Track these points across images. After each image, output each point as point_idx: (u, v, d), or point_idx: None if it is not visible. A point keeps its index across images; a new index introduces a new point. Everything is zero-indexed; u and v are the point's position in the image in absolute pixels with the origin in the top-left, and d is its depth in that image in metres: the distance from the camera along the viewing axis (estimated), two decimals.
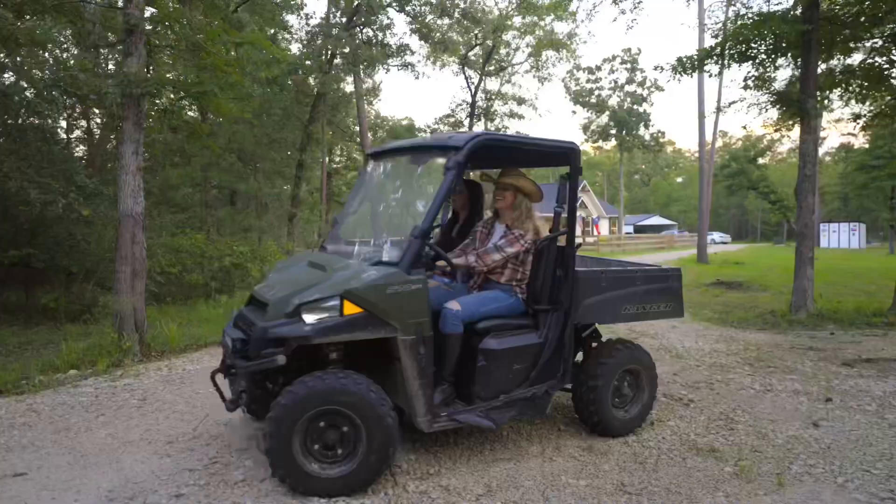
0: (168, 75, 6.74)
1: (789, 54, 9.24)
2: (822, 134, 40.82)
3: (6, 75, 11.19)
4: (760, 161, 35.24)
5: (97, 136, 15.26)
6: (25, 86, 10.51)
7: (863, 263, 22.17)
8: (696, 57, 10.67)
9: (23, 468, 3.21)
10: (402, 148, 3.75)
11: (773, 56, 9.68)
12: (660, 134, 43.75)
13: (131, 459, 3.30)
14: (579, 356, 3.91)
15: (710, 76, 10.66)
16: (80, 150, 14.99)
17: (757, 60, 9.99)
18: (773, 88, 9.79)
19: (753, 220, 71.31)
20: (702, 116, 22.67)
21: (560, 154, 3.53)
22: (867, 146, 34.61)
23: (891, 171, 26.74)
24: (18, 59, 10.77)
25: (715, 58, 10.26)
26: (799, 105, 8.47)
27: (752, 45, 9.68)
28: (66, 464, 3.27)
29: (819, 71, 8.84)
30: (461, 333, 3.22)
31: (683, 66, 11.00)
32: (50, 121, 12.05)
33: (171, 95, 7.47)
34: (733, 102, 10.19)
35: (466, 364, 3.29)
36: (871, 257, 27.57)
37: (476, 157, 4.26)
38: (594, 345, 3.94)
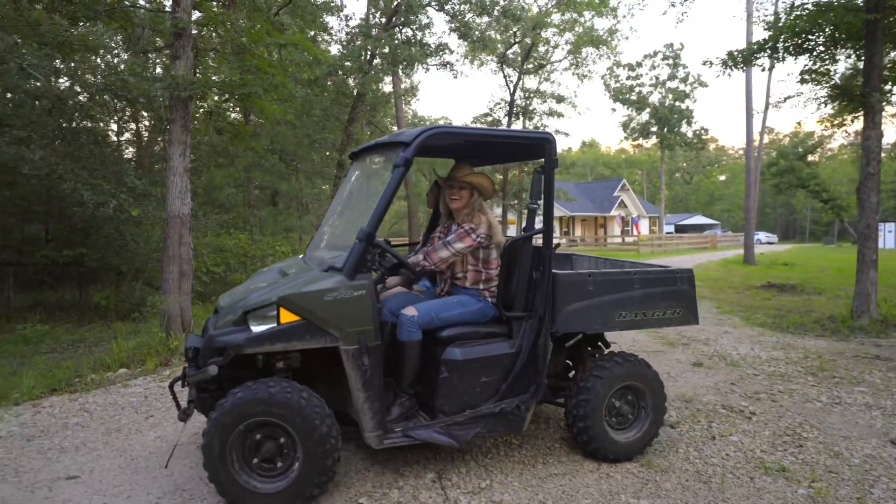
0: (213, 78, 6.81)
1: (850, 45, 8.75)
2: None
3: (61, 80, 11.61)
4: (810, 158, 33.84)
5: (146, 139, 15.71)
6: (79, 90, 10.87)
7: None
8: (747, 51, 10.24)
9: (76, 470, 3.24)
10: (370, 147, 3.45)
11: (831, 48, 9.20)
12: (703, 131, 42.57)
13: (180, 465, 3.29)
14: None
15: (763, 70, 10.19)
16: (129, 153, 15.47)
17: (814, 53, 9.52)
18: (832, 82, 9.29)
19: (801, 220, 68.77)
20: (749, 112, 21.88)
21: (533, 146, 3.22)
22: None
23: None
24: (73, 64, 11.16)
25: (768, 51, 9.82)
26: (862, 99, 8.00)
27: (810, 36, 9.22)
28: (117, 467, 3.28)
29: (885, 62, 8.34)
30: (419, 341, 3.01)
31: (734, 61, 10.58)
32: (101, 124, 12.47)
33: (217, 97, 7.56)
34: (789, 97, 9.71)
35: (429, 375, 3.07)
36: None
37: (434, 152, 4.07)
38: (596, 356, 3.57)
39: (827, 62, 9.45)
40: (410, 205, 21.87)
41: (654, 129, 41.59)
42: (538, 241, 3.21)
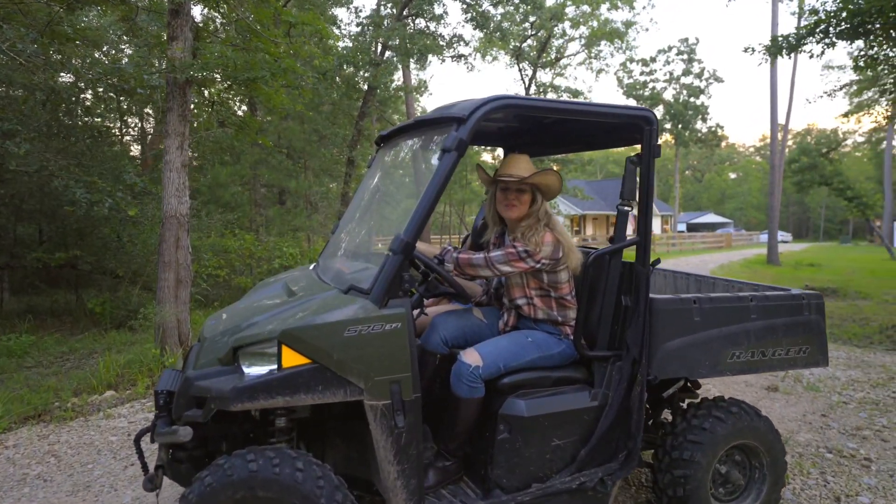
0: (215, 58, 6.11)
1: None
2: (895, 126, 37.89)
3: (62, 76, 10.95)
4: (832, 155, 32.93)
5: (150, 136, 15.07)
6: (82, 86, 10.21)
7: None
8: (795, 36, 9.44)
9: None
10: (406, 128, 2.63)
11: (892, 30, 8.39)
12: (718, 127, 41.64)
13: None
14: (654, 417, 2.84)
15: (811, 57, 9.38)
16: (134, 150, 14.83)
17: (871, 37, 8.71)
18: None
19: (815, 218, 67.64)
20: (774, 108, 20.97)
21: (627, 127, 2.44)
22: None
23: None
24: (75, 60, 10.51)
25: (819, 35, 9.01)
26: None
27: (867, 18, 8.41)
28: None
29: None
30: (481, 398, 2.26)
31: (779, 47, 9.80)
32: (101, 119, 11.81)
33: (219, 83, 6.85)
34: (845, 86, 8.90)
35: (482, 435, 2.33)
36: None
37: (488, 136, 3.19)
38: (685, 405, 2.76)
39: (886, 47, 8.64)
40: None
41: (667, 125, 40.72)
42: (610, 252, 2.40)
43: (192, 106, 7.56)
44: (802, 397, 4.70)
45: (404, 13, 14.86)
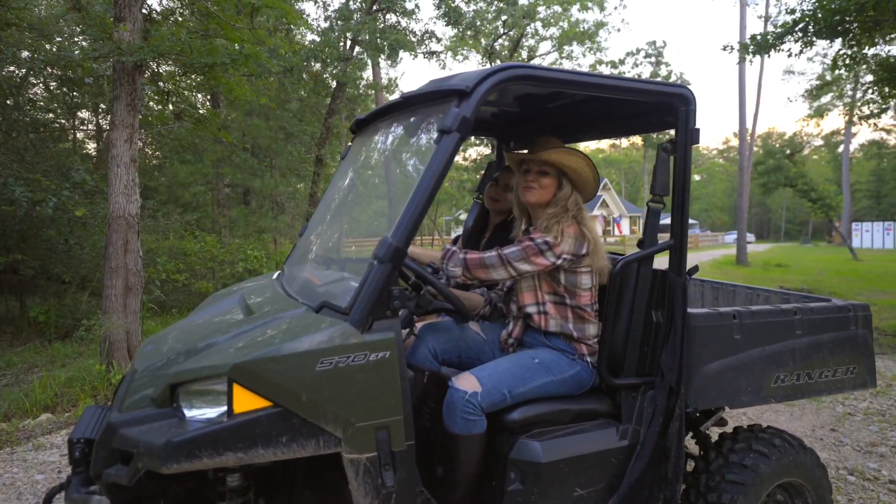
0: (169, 41, 5.55)
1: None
2: (852, 129, 39.07)
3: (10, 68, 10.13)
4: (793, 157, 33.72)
5: (105, 132, 14.21)
6: (32, 79, 9.46)
7: None
8: (773, 35, 9.32)
9: None
10: (392, 107, 2.13)
11: (872, 29, 8.31)
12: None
13: None
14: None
15: (789, 56, 9.31)
16: (90, 148, 13.95)
17: (849, 36, 8.63)
18: (880, 65, 8.39)
19: (776, 219, 69.43)
20: (743, 110, 21.18)
21: (658, 108, 2.05)
22: None
23: None
24: (25, 53, 9.72)
25: (798, 34, 8.91)
26: None
27: (846, 17, 8.32)
28: None
29: None
30: (482, 434, 1.84)
31: (758, 46, 9.67)
32: (49, 114, 11.00)
33: (175, 70, 6.28)
34: (826, 84, 8.81)
35: (488, 484, 1.93)
36: None
37: (485, 121, 2.71)
38: (715, 436, 2.38)
39: (865, 46, 8.57)
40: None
41: None
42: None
43: (144, 97, 6.96)
44: (806, 409, 4.42)
45: (374, 7, 14.38)
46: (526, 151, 2.21)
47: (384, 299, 1.57)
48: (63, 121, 12.16)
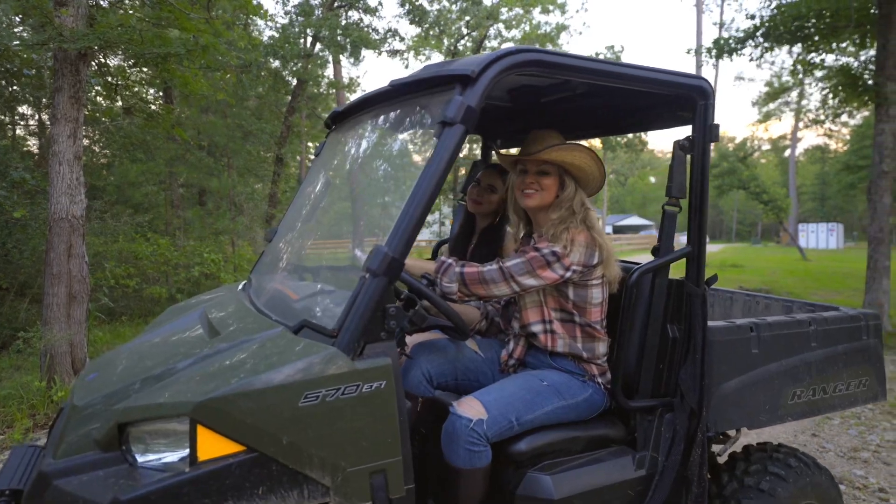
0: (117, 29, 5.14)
1: (855, 32, 8.07)
2: (798, 134, 40.71)
3: None
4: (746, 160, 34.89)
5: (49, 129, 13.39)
6: None
7: (858, 266, 21.39)
8: (735, 39, 9.46)
9: None
10: (376, 97, 1.88)
11: (828, 36, 8.52)
12: (643, 132, 43.22)
13: None
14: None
15: (751, 60, 9.48)
16: (32, 145, 13.10)
17: (809, 42, 8.83)
18: (844, 70, 8.59)
19: (728, 221, 71.80)
20: None
21: (672, 101, 1.88)
22: (845, 148, 34.76)
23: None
24: None
25: (759, 38, 9.06)
26: (876, 89, 7.28)
27: (806, 23, 8.50)
28: None
29: None
30: (487, 466, 1.64)
31: (720, 49, 9.80)
32: None
33: (124, 61, 5.86)
34: (787, 90, 9.00)
35: None
36: (858, 258, 27.03)
37: (488, 110, 2.41)
38: (724, 456, 2.23)
39: (823, 51, 8.78)
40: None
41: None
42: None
43: (90, 89, 6.49)
44: None
45: (336, 3, 14.04)
46: (516, 150, 2.01)
47: (378, 319, 1.35)
48: (1, 116, 11.39)
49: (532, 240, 1.88)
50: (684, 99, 1.78)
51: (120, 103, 8.65)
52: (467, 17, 19.32)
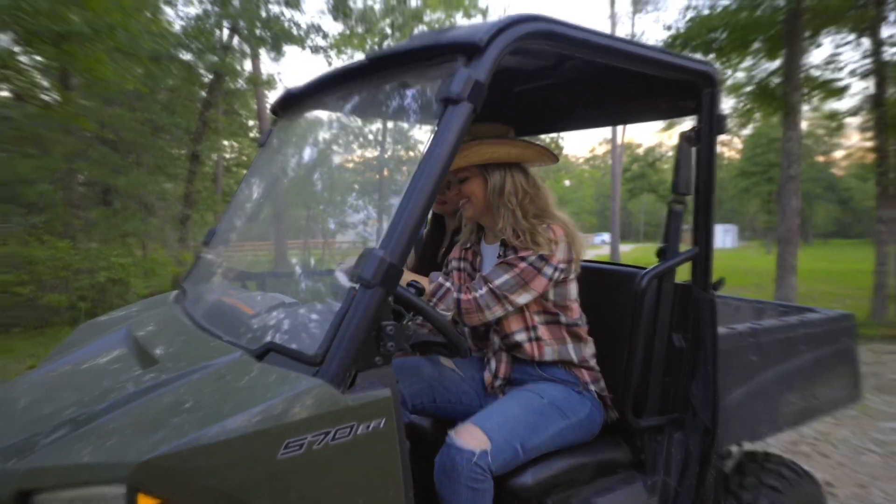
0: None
1: (764, 47, 8.63)
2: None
3: None
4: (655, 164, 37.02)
5: None
6: None
7: (756, 263, 23.10)
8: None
9: None
10: (349, 73, 1.58)
11: (740, 48, 9.06)
12: (559, 138, 44.64)
13: None
14: None
15: None
16: None
17: (720, 53, 9.35)
18: (753, 82, 9.17)
19: (636, 222, 75.84)
20: None
21: (676, 88, 1.71)
22: (737, 155, 37.97)
23: (768, 176, 29.41)
24: None
25: (678, 48, 9.48)
26: (784, 99, 7.80)
27: (716, 35, 9.00)
28: None
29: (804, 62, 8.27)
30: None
31: None
32: None
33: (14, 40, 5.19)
34: None
35: None
36: (754, 256, 29.27)
37: (515, 94, 2.08)
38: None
39: (734, 63, 9.32)
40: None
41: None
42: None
43: None
44: None
45: None
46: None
47: (373, 340, 1.10)
48: None
49: (485, 249, 1.76)
50: (689, 87, 1.63)
51: (8, 89, 7.72)
52: (389, 19, 19.11)
